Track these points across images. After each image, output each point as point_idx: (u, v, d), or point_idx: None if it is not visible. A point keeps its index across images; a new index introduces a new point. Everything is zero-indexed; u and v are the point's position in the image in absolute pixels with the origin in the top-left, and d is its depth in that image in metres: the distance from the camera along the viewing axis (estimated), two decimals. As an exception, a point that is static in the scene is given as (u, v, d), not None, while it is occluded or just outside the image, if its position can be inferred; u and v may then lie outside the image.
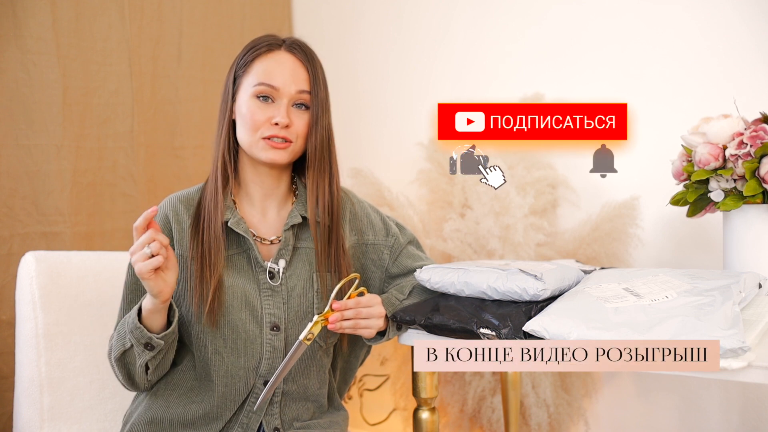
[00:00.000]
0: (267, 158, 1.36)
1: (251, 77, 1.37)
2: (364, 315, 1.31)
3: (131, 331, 1.27)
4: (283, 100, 1.36)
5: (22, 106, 1.84)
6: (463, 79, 2.27)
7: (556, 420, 1.96)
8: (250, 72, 1.37)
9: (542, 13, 2.13)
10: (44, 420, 1.49)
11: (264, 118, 1.35)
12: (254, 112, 1.35)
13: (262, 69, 1.37)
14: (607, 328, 1.13)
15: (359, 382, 2.29)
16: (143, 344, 1.28)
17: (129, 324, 1.28)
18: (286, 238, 1.40)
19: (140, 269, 1.20)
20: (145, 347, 1.28)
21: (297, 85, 1.37)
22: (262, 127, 1.35)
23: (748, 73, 1.82)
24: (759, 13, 1.81)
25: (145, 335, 1.27)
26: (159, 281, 1.22)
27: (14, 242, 1.82)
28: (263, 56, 1.38)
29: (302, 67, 1.38)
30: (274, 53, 1.38)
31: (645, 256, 1.97)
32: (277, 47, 1.39)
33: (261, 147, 1.36)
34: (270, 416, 1.38)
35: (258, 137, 1.35)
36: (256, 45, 1.39)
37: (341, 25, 2.52)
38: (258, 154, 1.37)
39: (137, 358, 1.30)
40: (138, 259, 1.20)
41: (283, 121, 1.34)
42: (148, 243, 1.19)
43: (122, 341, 1.29)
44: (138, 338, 1.27)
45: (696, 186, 1.51)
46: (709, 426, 1.92)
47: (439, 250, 1.97)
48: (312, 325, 1.27)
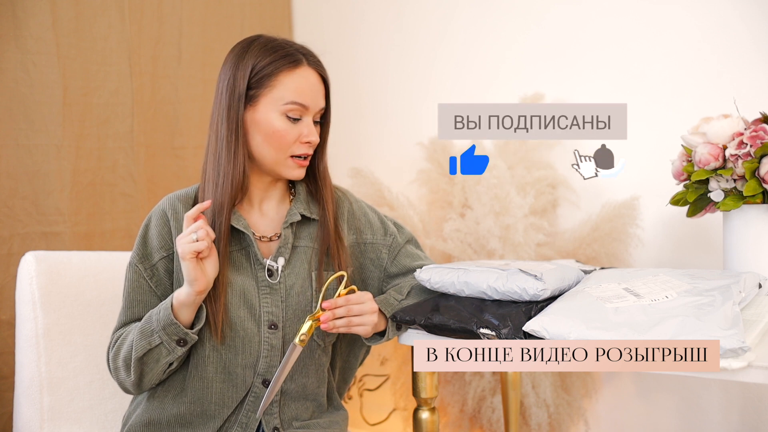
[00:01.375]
0: (293, 176, 1.39)
1: (279, 92, 1.34)
2: (356, 312, 1.30)
3: (164, 328, 1.27)
4: (308, 118, 1.37)
5: (22, 106, 1.84)
6: (463, 79, 2.27)
7: (556, 420, 1.96)
8: (275, 86, 1.34)
9: (542, 14, 2.13)
10: (44, 420, 1.49)
11: (295, 136, 1.36)
12: (287, 132, 1.35)
13: (293, 87, 1.35)
14: (607, 328, 1.13)
15: (359, 382, 2.29)
16: (176, 340, 1.28)
17: (162, 320, 1.27)
18: (286, 236, 1.41)
19: (183, 249, 1.24)
20: (178, 343, 1.28)
21: (320, 102, 1.39)
22: (293, 146, 1.37)
23: (748, 73, 1.82)
24: (759, 13, 1.81)
25: (180, 330, 1.27)
26: (197, 268, 1.25)
27: (14, 242, 1.82)
28: (289, 71, 1.35)
29: (321, 83, 1.40)
30: (300, 69, 1.36)
31: (645, 256, 1.97)
32: (300, 63, 1.37)
33: (290, 165, 1.38)
34: (269, 415, 1.38)
35: (287, 156, 1.37)
36: (277, 57, 1.35)
37: (341, 25, 2.52)
38: (284, 172, 1.38)
39: (164, 356, 1.29)
40: (184, 242, 1.24)
41: (314, 140, 1.37)
42: (196, 231, 1.24)
43: (147, 340, 1.28)
44: (171, 334, 1.27)
45: (696, 186, 1.51)
46: (709, 426, 1.92)
47: (439, 250, 1.97)
48: (304, 326, 1.27)
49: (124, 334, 1.34)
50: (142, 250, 1.38)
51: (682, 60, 1.91)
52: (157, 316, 1.28)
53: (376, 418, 2.31)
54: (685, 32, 1.91)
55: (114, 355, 1.34)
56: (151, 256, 1.37)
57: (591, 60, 2.05)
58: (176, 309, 1.28)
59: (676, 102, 1.92)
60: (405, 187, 2.18)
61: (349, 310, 1.29)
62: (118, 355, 1.33)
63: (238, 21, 2.40)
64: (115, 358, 1.34)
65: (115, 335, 1.37)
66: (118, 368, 1.34)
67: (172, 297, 1.29)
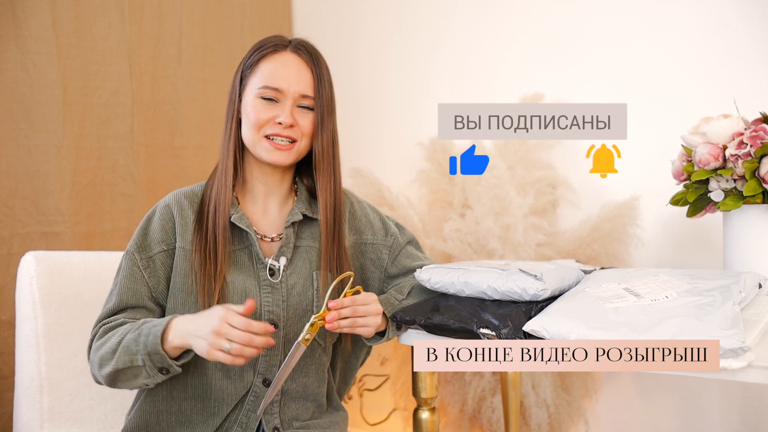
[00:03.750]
0: (271, 159, 1.37)
1: (257, 78, 1.38)
2: (361, 313, 1.30)
3: (149, 354, 1.23)
4: (287, 101, 1.36)
5: (22, 106, 1.84)
6: (463, 79, 2.27)
7: (556, 420, 1.96)
8: (255, 73, 1.38)
9: (542, 14, 2.13)
10: (44, 420, 1.49)
11: (268, 116, 1.36)
12: (259, 111, 1.36)
13: (267, 71, 1.37)
14: (607, 328, 1.13)
15: (359, 382, 2.29)
16: (159, 368, 1.25)
17: (148, 345, 1.23)
18: (287, 236, 1.41)
19: (214, 343, 1.17)
20: (160, 371, 1.25)
21: (301, 86, 1.37)
22: (266, 126, 1.36)
23: (748, 73, 1.82)
24: (759, 13, 1.81)
25: (166, 362, 1.24)
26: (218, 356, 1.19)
27: (14, 242, 1.82)
28: (269, 57, 1.38)
29: (307, 69, 1.39)
30: (279, 54, 1.39)
31: (645, 256, 1.97)
32: (282, 48, 1.39)
33: (265, 148, 1.37)
34: (269, 415, 1.38)
35: (261, 135, 1.36)
36: (263, 45, 1.40)
37: (341, 25, 2.52)
38: (262, 155, 1.37)
39: (143, 377, 1.26)
40: (219, 341, 1.17)
41: (286, 121, 1.35)
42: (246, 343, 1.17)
43: (130, 357, 1.24)
44: (155, 362, 1.24)
45: (696, 186, 1.51)
46: (709, 426, 1.92)
47: (439, 250, 1.97)
48: (309, 326, 1.27)
49: (109, 333, 1.31)
50: (142, 240, 1.38)
51: (682, 60, 1.91)
52: (145, 339, 1.24)
53: (376, 418, 2.31)
54: (685, 32, 1.91)
55: (95, 349, 1.31)
56: (150, 247, 1.37)
57: (591, 60, 2.05)
58: (169, 340, 1.23)
59: (676, 102, 1.92)
60: (405, 187, 2.18)
61: (355, 311, 1.29)
62: (98, 352, 1.30)
63: (238, 21, 2.40)
64: (95, 352, 1.31)
65: (101, 326, 1.33)
66: (94, 363, 1.31)
67: (169, 325, 1.24)
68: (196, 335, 1.20)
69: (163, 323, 1.24)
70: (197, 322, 1.22)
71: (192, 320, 1.23)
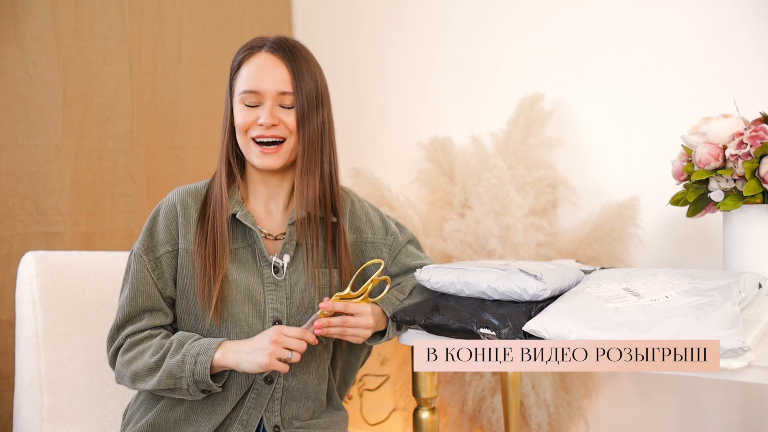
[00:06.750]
0: (261, 165, 1.38)
1: (239, 83, 1.38)
2: (351, 324, 1.32)
3: (195, 382, 1.28)
4: (267, 102, 1.36)
5: (22, 106, 1.84)
6: (463, 79, 2.27)
7: (556, 420, 1.96)
8: (238, 78, 1.39)
9: (542, 14, 2.13)
10: (44, 420, 1.49)
11: (251, 119, 1.37)
12: (243, 116, 1.37)
13: (245, 75, 1.38)
14: (607, 328, 1.13)
15: (359, 382, 2.29)
16: (202, 390, 1.30)
17: (195, 374, 1.27)
18: (290, 234, 1.41)
19: (273, 352, 1.25)
20: (202, 392, 1.31)
21: (278, 85, 1.36)
22: (250, 129, 1.37)
23: (748, 73, 1.82)
24: (759, 13, 1.81)
25: (212, 387, 1.30)
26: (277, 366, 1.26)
27: (14, 242, 1.82)
28: (246, 60, 1.39)
29: (282, 66, 1.37)
30: (255, 56, 1.39)
31: (645, 256, 1.97)
32: (258, 49, 1.39)
33: (254, 153, 1.38)
34: (270, 413, 1.38)
35: (248, 139, 1.38)
36: (241, 49, 1.41)
37: (341, 25, 2.52)
38: (253, 160, 1.38)
39: (183, 395, 1.32)
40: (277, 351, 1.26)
41: (267, 121, 1.35)
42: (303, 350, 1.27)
43: (174, 380, 1.29)
44: (200, 387, 1.29)
45: (696, 186, 1.51)
46: (709, 426, 1.92)
47: (439, 250, 1.97)
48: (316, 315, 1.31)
49: (139, 347, 1.33)
50: (148, 241, 1.38)
51: (682, 60, 1.91)
52: (191, 367, 1.28)
53: (376, 418, 2.31)
54: (685, 32, 1.91)
55: (124, 363, 1.34)
56: (155, 248, 1.38)
57: (591, 60, 2.05)
58: (216, 364, 1.29)
59: (676, 102, 1.92)
60: (405, 187, 2.18)
61: (345, 321, 1.32)
62: (129, 367, 1.33)
63: (238, 21, 2.40)
64: (125, 366, 1.33)
65: (127, 337, 1.35)
66: (123, 375, 1.34)
67: (216, 350, 1.29)
68: (253, 350, 1.26)
69: (210, 351, 1.28)
70: (250, 342, 1.28)
71: (244, 341, 1.30)
